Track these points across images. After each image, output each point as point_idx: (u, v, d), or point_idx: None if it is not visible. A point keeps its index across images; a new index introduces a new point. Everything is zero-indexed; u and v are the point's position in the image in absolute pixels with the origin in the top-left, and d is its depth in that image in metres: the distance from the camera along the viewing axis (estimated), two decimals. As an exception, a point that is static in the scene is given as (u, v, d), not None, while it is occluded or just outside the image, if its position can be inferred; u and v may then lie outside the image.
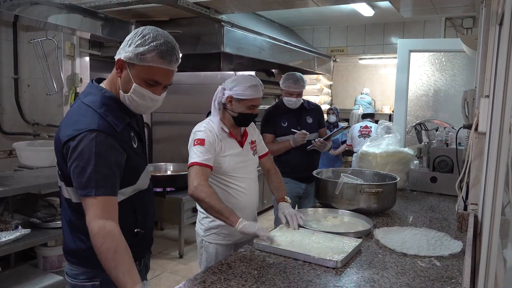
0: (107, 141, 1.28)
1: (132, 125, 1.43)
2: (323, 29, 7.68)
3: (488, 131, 1.69)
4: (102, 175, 1.25)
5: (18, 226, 2.52)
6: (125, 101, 1.38)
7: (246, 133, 2.15)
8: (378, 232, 1.92)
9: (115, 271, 1.19)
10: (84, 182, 1.24)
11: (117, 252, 1.21)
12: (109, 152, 1.28)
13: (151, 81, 1.34)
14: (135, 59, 1.30)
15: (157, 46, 1.30)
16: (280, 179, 2.24)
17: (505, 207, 1.12)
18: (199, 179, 1.85)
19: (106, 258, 1.20)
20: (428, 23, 6.71)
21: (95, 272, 1.37)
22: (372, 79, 9.56)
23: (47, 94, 4.11)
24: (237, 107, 2.00)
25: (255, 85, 2.00)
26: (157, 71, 1.32)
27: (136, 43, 1.31)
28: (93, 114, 1.31)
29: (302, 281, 1.43)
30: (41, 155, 3.39)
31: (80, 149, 1.25)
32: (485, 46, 2.11)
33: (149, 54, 1.29)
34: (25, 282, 2.62)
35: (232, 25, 4.60)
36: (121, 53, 1.34)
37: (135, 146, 1.42)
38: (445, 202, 2.65)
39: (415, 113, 5.31)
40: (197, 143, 1.93)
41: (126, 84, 1.35)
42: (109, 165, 1.27)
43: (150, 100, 1.37)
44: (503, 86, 1.11)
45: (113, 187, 1.29)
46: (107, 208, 1.25)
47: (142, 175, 1.46)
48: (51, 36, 4.05)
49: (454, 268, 1.57)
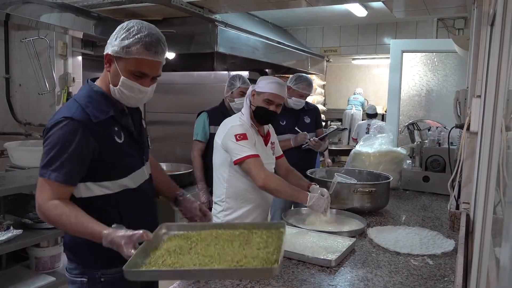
0: (77, 129, 1.30)
1: (117, 120, 1.42)
2: (316, 29, 7.70)
3: (480, 131, 1.71)
4: (60, 161, 1.29)
5: (10, 227, 2.50)
6: (115, 95, 1.40)
7: (269, 134, 2.24)
8: (371, 231, 1.93)
9: (84, 228, 1.26)
10: (43, 163, 1.31)
11: (77, 215, 1.28)
12: (76, 140, 1.30)
13: (138, 73, 1.36)
14: (121, 53, 1.33)
15: (142, 38, 1.32)
16: (299, 174, 2.30)
17: (496, 206, 1.13)
18: (263, 170, 1.96)
19: (70, 223, 1.28)
20: (421, 24, 6.75)
21: (85, 269, 1.43)
22: (365, 79, 9.61)
23: (39, 93, 4.08)
24: (257, 100, 2.09)
25: (277, 82, 2.08)
26: (143, 63, 1.34)
27: (121, 37, 1.33)
28: (73, 105, 1.36)
29: (297, 280, 1.44)
30: (33, 155, 3.35)
31: (50, 134, 1.32)
32: (476, 47, 2.14)
33: (134, 47, 1.32)
34: (18, 283, 2.59)
35: (226, 25, 4.59)
36: (109, 47, 1.36)
37: (120, 141, 1.41)
38: (438, 201, 2.67)
39: (408, 113, 5.34)
40: (241, 137, 1.98)
41: (114, 78, 1.37)
42: (71, 153, 1.30)
43: (139, 92, 1.39)
44: (494, 86, 1.12)
45: (69, 175, 1.31)
46: (58, 193, 1.30)
47: (133, 174, 1.45)
48: (43, 35, 4.02)
49: (447, 267, 1.59)
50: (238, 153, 1.97)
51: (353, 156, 3.01)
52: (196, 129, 3.10)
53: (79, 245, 1.42)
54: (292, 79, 3.07)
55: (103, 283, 1.43)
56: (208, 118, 3.04)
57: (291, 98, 3.06)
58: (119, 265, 1.27)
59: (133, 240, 1.21)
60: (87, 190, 1.39)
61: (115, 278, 1.42)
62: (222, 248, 1.23)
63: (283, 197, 2.02)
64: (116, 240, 1.21)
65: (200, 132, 3.04)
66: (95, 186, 1.39)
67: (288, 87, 3.08)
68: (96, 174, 1.38)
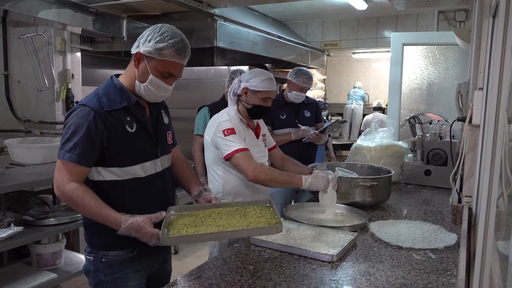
0: (89, 115, 1.44)
1: (131, 112, 1.53)
2: (316, 23, 7.66)
3: (482, 124, 1.69)
4: (73, 143, 1.43)
5: (11, 224, 2.49)
6: (140, 90, 1.53)
7: (259, 126, 2.22)
8: (373, 226, 1.93)
9: (103, 212, 1.41)
10: (60, 145, 1.46)
11: (97, 200, 1.43)
12: (87, 125, 1.43)
13: (166, 73, 1.51)
14: (154, 54, 1.47)
15: (175, 44, 1.48)
16: (297, 162, 2.30)
17: (498, 199, 1.12)
18: (253, 163, 1.94)
19: (91, 206, 1.42)
20: (421, 17, 6.71)
21: (92, 249, 1.60)
22: (365, 73, 9.58)
23: (38, 90, 4.07)
24: (251, 99, 2.07)
25: (270, 79, 2.08)
26: (172, 65, 1.50)
27: (156, 39, 1.47)
28: (91, 95, 1.51)
29: (298, 275, 1.43)
30: (33, 152, 3.35)
31: (67, 119, 1.48)
32: (478, 39, 2.11)
33: (167, 50, 1.47)
34: (19, 280, 2.59)
35: (225, 20, 4.56)
36: (140, 47, 1.50)
37: (131, 131, 1.52)
38: (439, 195, 2.66)
39: (409, 107, 5.32)
40: (229, 132, 1.97)
41: (143, 76, 1.51)
42: (83, 136, 1.42)
43: (163, 90, 1.54)
44: (498, 78, 1.11)
45: (81, 156, 1.43)
46: (73, 173, 1.43)
47: (143, 164, 1.55)
48: (42, 32, 4.00)
49: (449, 260, 1.58)
50: (227, 149, 1.96)
51: (354, 150, 2.99)
52: (197, 124, 3.10)
53: (87, 225, 1.60)
54: (292, 73, 3.06)
55: (103, 264, 1.57)
56: (209, 113, 3.04)
57: (291, 92, 3.05)
58: (118, 249, 1.55)
59: (152, 220, 1.39)
60: (97, 174, 1.51)
61: (113, 261, 1.57)
62: (227, 219, 1.50)
63: (278, 186, 2.03)
64: (135, 223, 1.37)
65: (201, 127, 3.03)
66: (104, 171, 1.50)
67: (288, 80, 3.07)
68: (106, 160, 1.49)
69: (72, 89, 4.22)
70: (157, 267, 1.71)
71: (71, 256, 3.06)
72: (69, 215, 2.81)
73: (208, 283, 1.36)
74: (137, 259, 1.59)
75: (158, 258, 1.70)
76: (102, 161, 1.49)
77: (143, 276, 1.64)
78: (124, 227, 1.37)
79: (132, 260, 1.58)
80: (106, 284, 1.57)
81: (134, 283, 1.60)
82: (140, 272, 1.62)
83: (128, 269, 1.57)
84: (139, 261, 1.60)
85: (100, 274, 1.57)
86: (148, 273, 1.67)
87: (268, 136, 2.31)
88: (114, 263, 1.57)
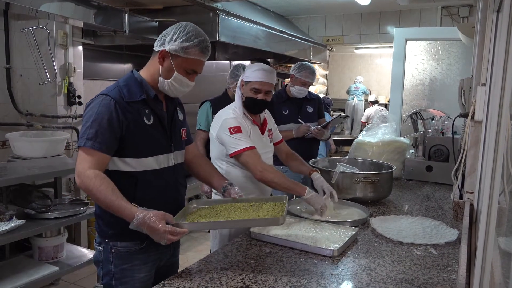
0: (111, 104, 1.49)
1: (149, 104, 1.57)
2: (318, 18, 7.63)
3: (485, 120, 1.69)
4: (95, 130, 1.46)
5: (13, 217, 2.50)
6: (163, 86, 1.59)
7: (266, 121, 2.20)
8: (374, 221, 1.93)
9: (118, 202, 1.41)
10: (81, 133, 1.49)
11: (114, 190, 1.44)
12: (108, 113, 1.47)
13: (191, 70, 1.58)
14: (180, 52, 1.53)
15: (200, 43, 1.54)
16: (301, 158, 2.29)
17: (500, 196, 1.12)
18: (260, 163, 1.95)
19: (107, 194, 1.42)
20: (424, 12, 6.68)
21: (102, 240, 1.61)
22: (368, 69, 9.55)
23: (40, 84, 4.05)
24: (245, 90, 2.05)
25: (263, 69, 2.02)
26: (196, 63, 1.57)
27: (182, 38, 1.53)
28: (112, 86, 1.57)
29: (299, 269, 1.43)
30: (35, 145, 3.35)
31: (88, 108, 1.52)
32: (482, 34, 2.10)
33: (193, 49, 1.54)
34: (21, 273, 2.61)
35: (227, 14, 4.54)
36: (166, 45, 1.54)
37: (148, 123, 1.56)
38: (441, 191, 2.66)
39: (411, 103, 5.30)
40: (235, 131, 1.96)
41: (167, 72, 1.57)
42: (105, 124, 1.46)
43: (186, 86, 1.61)
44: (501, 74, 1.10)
45: (104, 144, 1.46)
46: (95, 160, 1.45)
47: (157, 157, 1.59)
48: (43, 25, 3.99)
49: (450, 256, 1.58)
50: (233, 147, 1.96)
51: (356, 146, 2.99)
52: (199, 119, 3.09)
53: (98, 216, 1.62)
54: (295, 67, 3.06)
55: (113, 254, 1.59)
56: (211, 108, 3.03)
57: (293, 87, 3.04)
58: (126, 240, 1.58)
59: (166, 219, 1.39)
60: (112, 164, 1.53)
61: (123, 252, 1.59)
62: (240, 213, 1.58)
63: (280, 190, 2.01)
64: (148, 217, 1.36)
65: (203, 122, 3.03)
66: (119, 161, 1.53)
67: (291, 75, 3.06)
68: (122, 150, 1.52)
69: (73, 83, 4.21)
70: (165, 260, 1.72)
71: (73, 249, 3.07)
72: (71, 209, 2.82)
73: (209, 277, 1.36)
74: (146, 251, 1.61)
75: (167, 251, 1.70)
76: (119, 151, 1.52)
77: (151, 268, 1.65)
78: (136, 220, 1.37)
79: (141, 252, 1.60)
80: (115, 275, 1.59)
81: (142, 275, 1.62)
82: (149, 264, 1.63)
83: (137, 260, 1.60)
84: (147, 253, 1.62)
85: (109, 265, 1.60)
86: (157, 265, 1.68)
87: (275, 130, 2.30)
88: (123, 254, 1.59)
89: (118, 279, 1.59)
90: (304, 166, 2.25)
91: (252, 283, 1.32)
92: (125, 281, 1.59)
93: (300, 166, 2.25)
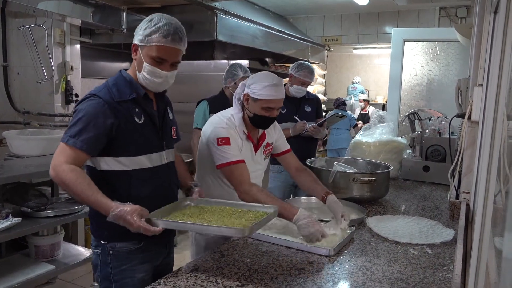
0: (99, 104, 1.48)
1: (139, 103, 1.57)
2: (317, 17, 7.63)
3: (481, 120, 1.69)
4: (78, 129, 1.45)
5: (9, 215, 2.49)
6: (141, 81, 1.57)
7: (264, 136, 2.01)
8: (370, 221, 1.93)
9: (95, 197, 1.40)
10: (66, 130, 1.48)
11: (91, 184, 1.42)
12: (96, 113, 1.46)
13: (157, 58, 1.52)
14: (144, 41, 1.52)
15: (160, 27, 1.50)
16: (313, 175, 2.04)
17: (496, 196, 1.12)
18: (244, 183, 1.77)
19: (83, 188, 1.40)
20: (422, 13, 6.69)
21: (98, 242, 1.59)
22: (366, 69, 9.55)
23: (37, 82, 4.04)
24: (252, 107, 1.85)
25: (275, 85, 1.80)
26: (162, 50, 1.51)
27: (144, 27, 1.52)
28: (102, 86, 1.56)
29: (295, 268, 1.43)
30: (32, 144, 3.34)
31: (77, 108, 1.51)
32: (479, 35, 2.11)
33: (154, 35, 1.50)
34: (17, 271, 2.60)
35: (225, 13, 4.54)
36: (135, 38, 1.55)
37: (139, 122, 1.55)
38: (437, 191, 2.66)
39: (409, 103, 5.32)
40: (222, 142, 1.80)
41: (140, 65, 1.56)
42: (90, 124, 1.45)
43: (159, 77, 1.55)
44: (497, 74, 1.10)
45: (85, 143, 1.44)
46: (73, 158, 1.44)
47: (150, 155, 1.58)
48: (41, 23, 3.97)
49: (446, 256, 1.58)
50: (220, 159, 1.80)
51: (353, 146, 2.99)
52: (196, 118, 3.09)
53: (93, 217, 1.60)
54: (294, 67, 3.05)
55: (111, 256, 1.57)
56: (208, 106, 3.03)
57: (292, 86, 3.04)
58: (124, 240, 1.55)
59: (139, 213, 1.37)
60: (104, 164, 1.53)
61: (121, 252, 1.57)
62: (221, 218, 1.51)
63: None
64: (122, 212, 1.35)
65: (200, 121, 3.03)
66: (112, 160, 1.52)
67: (290, 74, 3.06)
68: (114, 149, 1.51)
69: (71, 81, 4.20)
70: (160, 260, 1.71)
71: (69, 248, 3.06)
72: (68, 207, 2.81)
73: (205, 275, 1.36)
74: (144, 250, 1.60)
75: (162, 250, 1.70)
76: (110, 151, 1.51)
77: (149, 267, 1.64)
78: (112, 214, 1.36)
79: (139, 251, 1.59)
80: (114, 277, 1.57)
81: (141, 275, 1.61)
82: (147, 264, 1.63)
83: (135, 260, 1.58)
84: (145, 253, 1.61)
85: (107, 267, 1.57)
86: (154, 265, 1.67)
87: (277, 140, 2.09)
88: (122, 255, 1.57)
89: (118, 281, 1.57)
90: (318, 185, 1.96)
91: (248, 282, 1.32)
92: (125, 283, 1.57)
93: (313, 184, 1.97)
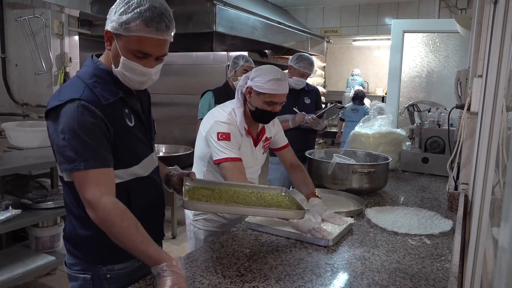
0: (90, 111, 1.17)
1: (127, 102, 1.29)
2: (316, 9, 7.58)
3: (480, 111, 1.69)
4: (88, 146, 1.15)
5: (9, 207, 2.50)
6: (119, 78, 1.27)
7: (264, 131, 2.00)
8: (369, 212, 1.94)
9: (144, 246, 1.14)
10: (70, 155, 1.15)
11: (138, 228, 1.15)
12: (93, 122, 1.17)
13: (139, 52, 1.20)
14: (120, 29, 1.18)
15: (142, 13, 1.16)
16: (306, 174, 2.05)
17: (495, 187, 1.13)
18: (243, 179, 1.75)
19: (130, 234, 1.14)
20: (422, 4, 6.65)
21: (88, 265, 1.31)
22: (365, 61, 9.52)
23: (36, 73, 4.03)
24: (255, 100, 1.83)
25: (279, 80, 1.79)
26: (144, 41, 1.18)
27: (120, 11, 1.18)
28: (80, 84, 1.23)
29: (294, 259, 1.44)
30: (31, 135, 3.34)
31: (62, 119, 1.16)
32: (479, 25, 2.10)
33: (133, 23, 1.16)
34: (18, 263, 2.61)
35: (225, 4, 4.51)
36: (108, 23, 1.21)
37: (131, 125, 1.29)
38: (436, 182, 2.67)
39: (408, 95, 5.32)
40: (223, 137, 1.79)
41: (115, 58, 1.23)
42: (95, 136, 1.17)
43: (141, 75, 1.24)
44: (496, 65, 1.10)
45: (104, 158, 1.18)
46: (104, 181, 1.17)
47: (144, 161, 1.35)
48: (39, 14, 3.95)
49: (444, 246, 1.59)
50: (217, 153, 1.79)
51: (353, 137, 3.00)
52: (201, 108, 3.10)
53: (82, 239, 1.30)
54: (293, 58, 3.05)
55: (108, 280, 1.32)
56: (213, 97, 3.06)
57: (292, 78, 3.04)
58: (125, 261, 1.33)
59: None
60: None
61: (121, 274, 1.34)
62: (244, 199, 1.47)
63: None
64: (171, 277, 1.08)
65: (205, 111, 3.01)
66: None
67: (289, 66, 3.06)
68: None
69: (69, 72, 4.18)
70: None
71: (70, 239, 3.08)
72: (67, 199, 2.82)
73: (205, 266, 1.37)
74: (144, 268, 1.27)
75: None
76: None
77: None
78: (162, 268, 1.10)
79: (140, 270, 1.35)
80: None
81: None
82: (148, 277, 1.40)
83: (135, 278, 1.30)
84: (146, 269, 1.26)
85: None
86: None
87: (276, 135, 2.11)
88: (121, 277, 1.33)
89: None
90: (306, 185, 1.96)
91: (248, 272, 1.33)
92: None
93: (301, 184, 1.99)
